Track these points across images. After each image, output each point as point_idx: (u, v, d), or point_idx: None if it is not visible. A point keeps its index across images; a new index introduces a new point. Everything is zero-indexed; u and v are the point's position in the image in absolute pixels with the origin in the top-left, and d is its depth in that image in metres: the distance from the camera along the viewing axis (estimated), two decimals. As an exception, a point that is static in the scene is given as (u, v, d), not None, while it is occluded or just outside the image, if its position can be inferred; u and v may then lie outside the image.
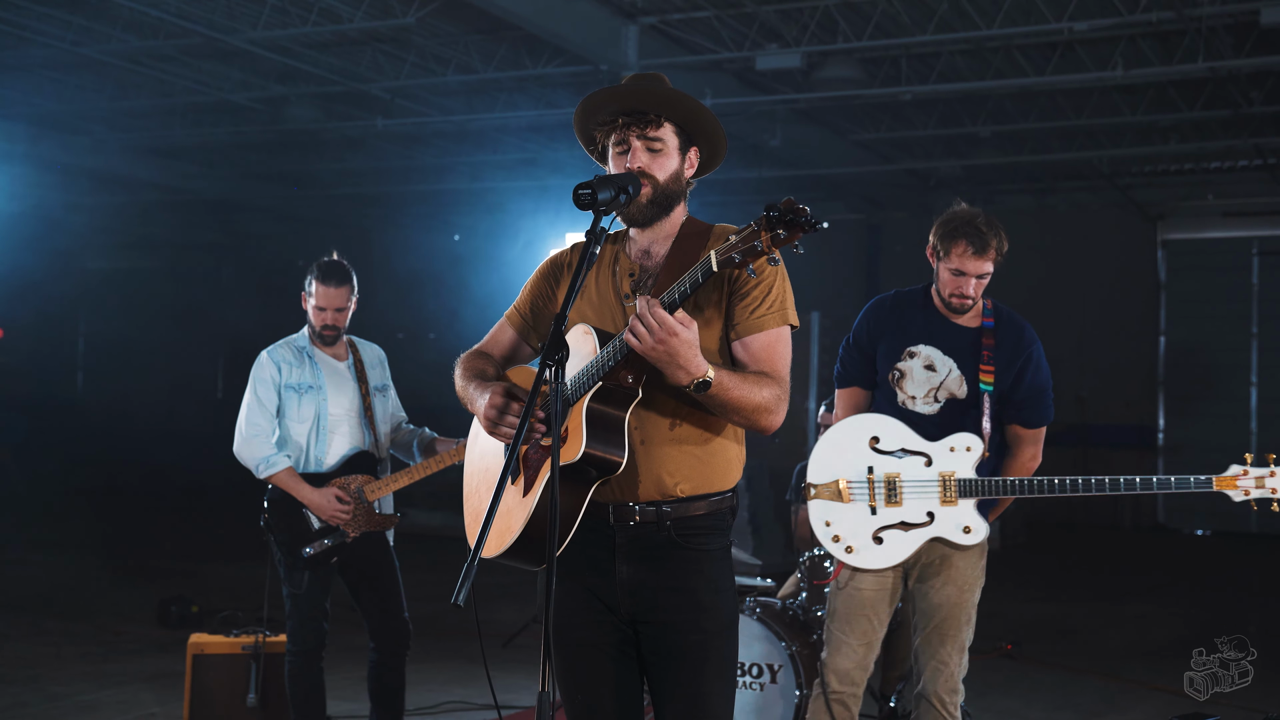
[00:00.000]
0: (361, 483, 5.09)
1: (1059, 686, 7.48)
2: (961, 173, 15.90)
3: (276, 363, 5.14)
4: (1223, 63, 10.39)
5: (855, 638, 4.45)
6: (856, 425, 4.44)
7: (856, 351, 4.62)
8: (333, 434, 5.13)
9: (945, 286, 4.46)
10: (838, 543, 4.37)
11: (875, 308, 4.67)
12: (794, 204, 2.57)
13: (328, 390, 5.14)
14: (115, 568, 10.97)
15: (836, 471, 4.39)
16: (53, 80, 12.67)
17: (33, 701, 6.52)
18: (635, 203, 3.00)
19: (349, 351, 5.26)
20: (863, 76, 11.22)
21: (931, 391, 4.46)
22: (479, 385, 3.10)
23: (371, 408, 5.20)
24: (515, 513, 2.95)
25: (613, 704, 3.05)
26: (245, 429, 5.10)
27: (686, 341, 2.72)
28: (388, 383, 5.34)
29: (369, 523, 5.10)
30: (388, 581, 5.17)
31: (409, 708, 6.51)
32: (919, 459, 4.35)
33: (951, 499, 4.32)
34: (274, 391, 5.11)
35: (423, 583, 10.84)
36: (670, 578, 3.01)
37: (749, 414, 2.90)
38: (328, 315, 5.14)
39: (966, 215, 4.40)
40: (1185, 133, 13.79)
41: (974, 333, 4.51)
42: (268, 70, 11.98)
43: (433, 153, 15.36)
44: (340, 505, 5.02)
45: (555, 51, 10.95)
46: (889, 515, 4.35)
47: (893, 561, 4.38)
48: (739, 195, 16.91)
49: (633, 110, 3.01)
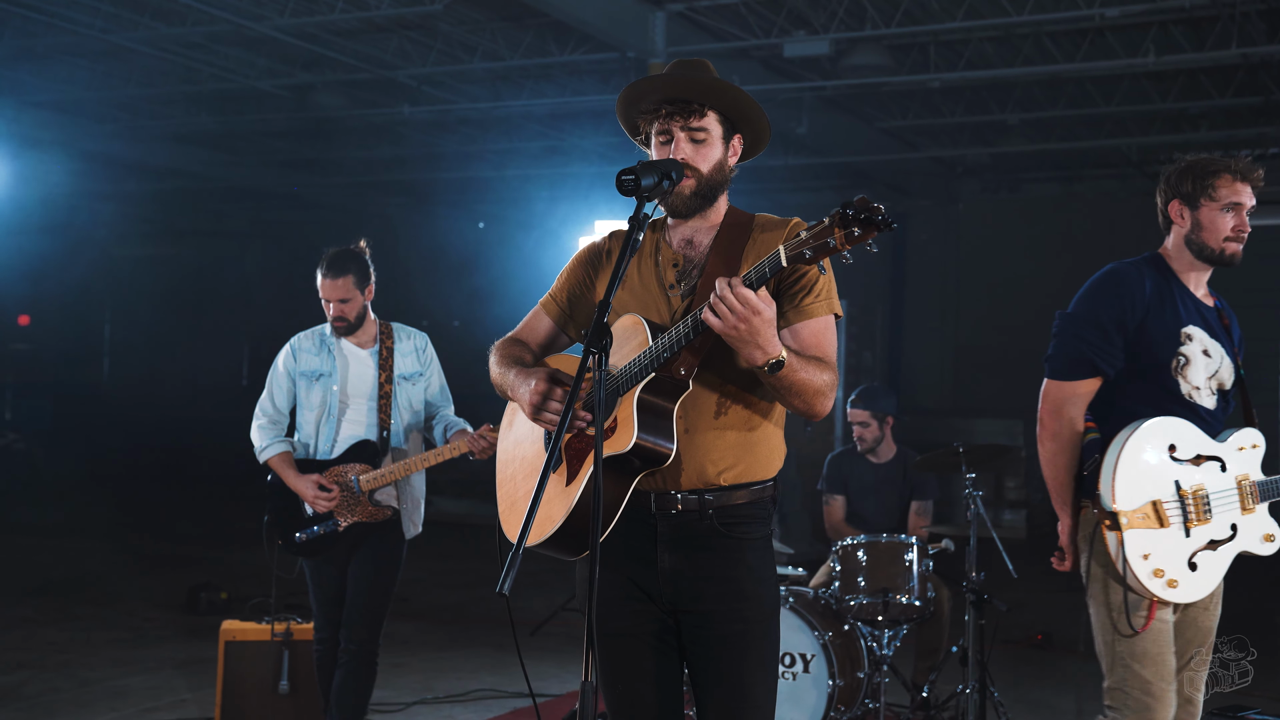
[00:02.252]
0: (358, 472, 4.99)
1: (1091, 676, 7.42)
2: (989, 161, 15.80)
3: (294, 350, 5.15)
4: (1255, 49, 10.27)
5: (1169, 681, 3.75)
6: (1154, 432, 3.73)
7: (1109, 332, 3.80)
8: (342, 421, 5.07)
9: (1219, 230, 3.81)
10: (1159, 578, 3.67)
11: (1124, 278, 3.87)
12: (868, 202, 2.54)
13: (342, 377, 5.07)
14: (143, 554, 11.03)
15: (1148, 492, 3.70)
16: (80, 68, 12.70)
17: (65, 687, 6.55)
18: (679, 194, 2.99)
19: (378, 338, 5.15)
20: (890, 64, 11.13)
21: (1209, 380, 3.86)
22: (520, 372, 3.08)
23: (389, 396, 5.08)
24: (556, 502, 2.93)
25: (652, 694, 3.03)
26: (256, 413, 5.17)
27: (768, 320, 2.71)
28: (421, 371, 5.19)
29: (362, 513, 4.99)
30: (372, 577, 4.98)
31: (440, 695, 6.55)
32: (1214, 465, 3.79)
33: (1250, 506, 3.82)
34: (288, 378, 5.13)
35: (450, 571, 10.91)
36: (712, 566, 2.99)
37: (809, 397, 2.88)
38: (332, 307, 5.05)
39: (1204, 155, 3.89)
40: (1216, 120, 13.66)
41: (1215, 310, 3.97)
42: (294, 57, 11.98)
43: (458, 140, 15.34)
44: (321, 493, 4.94)
45: (582, 38, 10.91)
46: (1200, 535, 3.75)
47: (1209, 589, 3.80)
48: (765, 183, 16.85)
49: (676, 99, 2.99)
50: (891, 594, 5.57)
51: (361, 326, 5.12)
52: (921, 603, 5.62)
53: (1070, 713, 6.56)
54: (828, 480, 6.49)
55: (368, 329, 5.15)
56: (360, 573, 4.99)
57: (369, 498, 4.99)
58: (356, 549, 5.02)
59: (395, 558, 5.06)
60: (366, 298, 5.11)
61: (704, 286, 2.97)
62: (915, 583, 5.61)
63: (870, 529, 6.19)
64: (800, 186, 17.77)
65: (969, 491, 5.72)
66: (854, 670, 5.52)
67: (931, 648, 5.98)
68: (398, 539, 5.06)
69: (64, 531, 12.40)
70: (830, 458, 6.59)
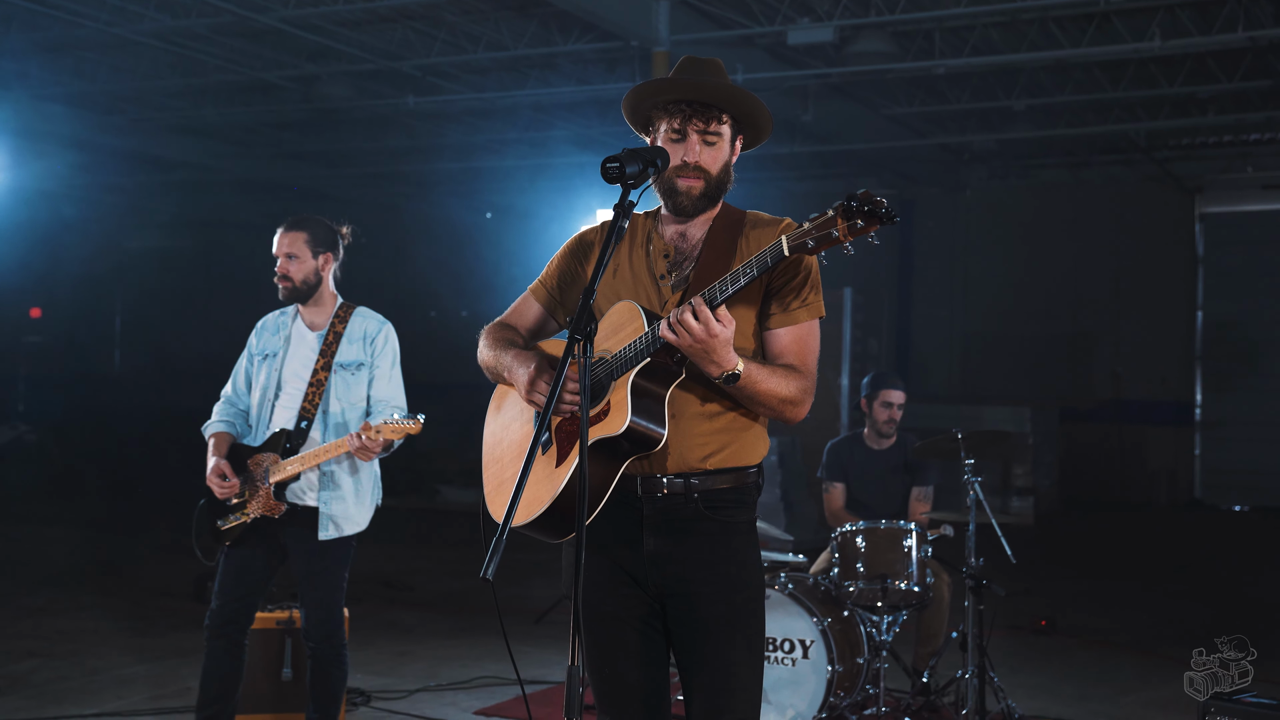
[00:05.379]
0: (271, 462, 4.71)
1: (1093, 663, 7.44)
2: (996, 147, 15.76)
3: (259, 329, 4.95)
4: (1263, 32, 10.23)
5: None
6: None
7: None
8: (277, 406, 4.79)
9: None
10: None
11: None
12: (872, 195, 2.60)
13: (285, 360, 4.81)
14: (152, 544, 11.09)
15: None
16: (87, 61, 12.76)
17: (73, 675, 6.61)
18: (688, 195, 3.06)
19: (332, 321, 4.80)
20: (895, 50, 11.12)
21: None
22: (517, 354, 3.11)
23: (321, 384, 4.73)
24: (545, 484, 2.95)
25: (639, 677, 3.06)
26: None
27: (724, 341, 2.80)
28: (363, 362, 4.78)
29: (264, 506, 4.71)
30: (305, 574, 4.74)
31: (444, 682, 6.58)
32: None
33: None
34: (248, 357, 4.94)
35: (455, 559, 10.96)
36: (696, 550, 3.02)
37: (774, 406, 2.96)
38: (278, 263, 4.77)
39: None
40: (1224, 104, 13.61)
41: None
42: (299, 48, 12.01)
43: (464, 130, 15.37)
44: (218, 481, 4.73)
45: (586, 27, 10.92)
46: None
47: None
48: (770, 171, 16.84)
49: (696, 102, 3.04)
50: (890, 580, 5.58)
51: (314, 299, 4.81)
52: (920, 588, 5.63)
53: (1072, 698, 6.57)
54: (827, 468, 6.50)
55: (323, 307, 4.83)
56: (299, 574, 4.76)
57: (272, 491, 4.69)
58: (281, 544, 4.77)
59: (323, 556, 4.71)
60: (322, 268, 4.79)
61: (698, 281, 3.01)
62: (914, 568, 5.62)
63: (871, 515, 6.20)
64: (805, 174, 17.75)
65: (968, 477, 5.73)
66: (853, 656, 5.54)
67: (931, 633, 5.99)
68: (313, 537, 4.68)
69: (74, 522, 12.47)
70: (830, 445, 6.60)
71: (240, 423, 4.95)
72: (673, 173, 3.04)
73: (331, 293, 4.86)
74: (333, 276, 4.87)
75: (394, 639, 7.64)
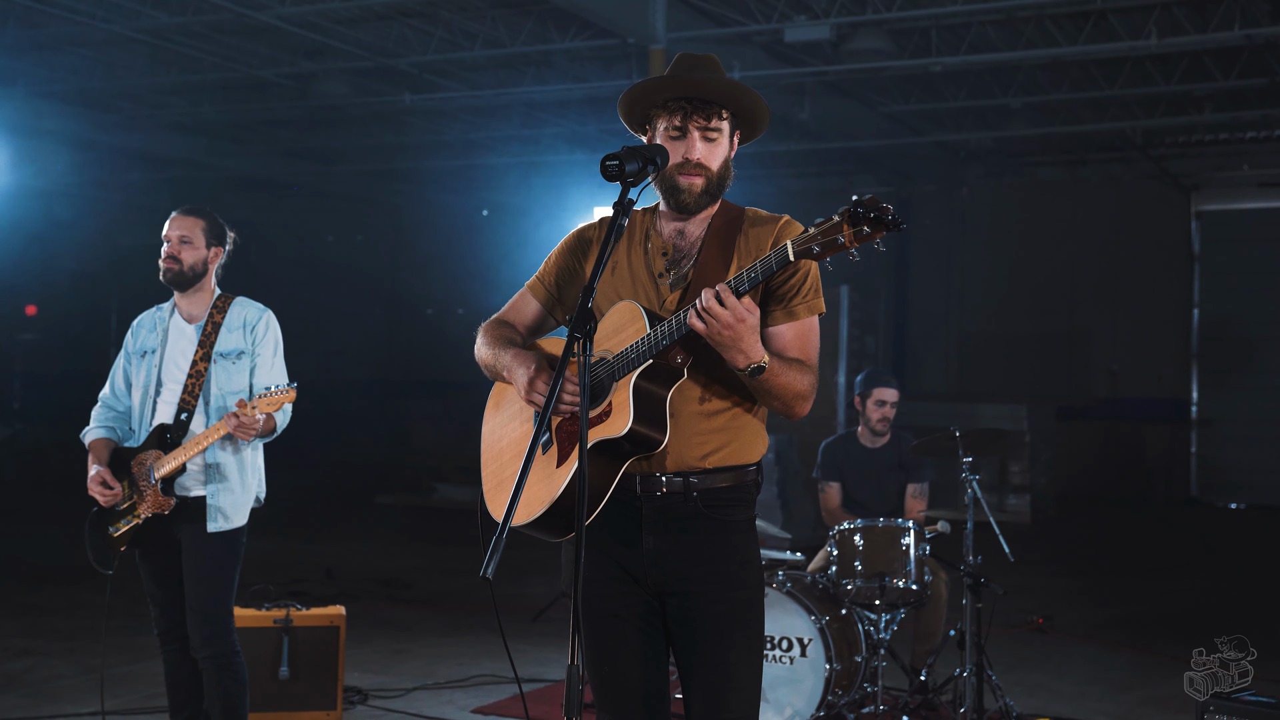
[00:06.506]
0: (154, 459, 4.55)
1: (1090, 660, 7.45)
2: (993, 145, 15.77)
3: (134, 328, 4.81)
4: (1259, 30, 10.24)
5: None
6: None
7: None
8: (158, 403, 4.64)
9: None
10: None
11: None
12: (878, 201, 2.59)
13: (164, 355, 4.67)
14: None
15: None
16: (83, 57, 12.73)
17: (69, 674, 6.60)
18: (690, 193, 3.05)
19: (210, 311, 4.68)
20: (892, 48, 11.12)
21: None
22: (517, 353, 3.10)
23: (201, 375, 4.58)
24: (545, 484, 2.95)
25: (638, 675, 3.06)
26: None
27: (752, 327, 2.79)
28: (244, 350, 4.64)
29: (153, 503, 4.56)
30: (192, 575, 4.54)
31: (442, 680, 6.58)
32: None
33: None
34: (125, 357, 4.83)
35: (452, 557, 10.95)
36: (696, 548, 3.02)
37: (788, 400, 2.96)
38: (169, 244, 4.66)
39: None
40: (1220, 102, 13.62)
41: None
42: (296, 46, 11.99)
43: (460, 128, 15.36)
44: (100, 489, 4.61)
45: (582, 25, 10.91)
46: None
47: None
48: (768, 169, 16.84)
49: (697, 99, 3.03)
50: (888, 578, 5.58)
51: (194, 290, 4.69)
52: (918, 586, 5.63)
53: (1070, 696, 6.58)
54: (823, 467, 6.49)
55: (202, 298, 4.71)
56: (185, 572, 4.55)
57: (159, 487, 4.54)
58: (174, 545, 4.59)
59: (211, 551, 4.53)
60: (210, 260, 4.70)
61: (698, 279, 3.01)
62: (911, 567, 5.62)
63: (867, 513, 6.20)
64: (802, 172, 17.76)
65: (966, 476, 5.73)
66: (851, 654, 5.54)
67: (929, 631, 5.99)
68: (203, 530, 4.52)
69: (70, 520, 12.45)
70: (825, 444, 6.59)
71: (121, 426, 4.80)
72: (674, 170, 3.03)
73: (212, 287, 4.75)
74: (215, 274, 4.77)
75: (391, 637, 7.63)
